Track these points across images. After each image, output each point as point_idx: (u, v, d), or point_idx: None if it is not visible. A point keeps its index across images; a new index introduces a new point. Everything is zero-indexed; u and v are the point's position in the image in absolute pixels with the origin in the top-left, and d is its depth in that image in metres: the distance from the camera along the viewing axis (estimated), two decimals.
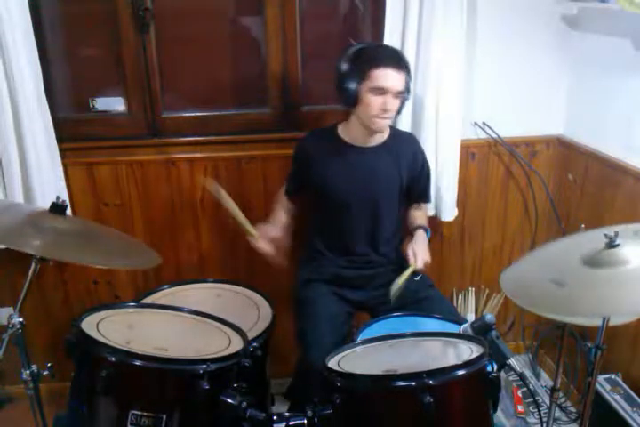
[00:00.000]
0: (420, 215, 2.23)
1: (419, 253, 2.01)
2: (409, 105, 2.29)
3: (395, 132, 2.15)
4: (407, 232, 2.21)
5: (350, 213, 2.08)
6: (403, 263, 2.19)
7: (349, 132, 2.08)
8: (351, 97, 1.94)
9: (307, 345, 1.94)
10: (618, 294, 1.36)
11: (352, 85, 1.92)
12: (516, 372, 1.53)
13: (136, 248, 1.89)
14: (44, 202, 2.12)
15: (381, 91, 1.90)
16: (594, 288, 1.39)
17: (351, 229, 2.10)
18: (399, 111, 2.03)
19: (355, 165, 2.06)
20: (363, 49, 1.95)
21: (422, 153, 2.20)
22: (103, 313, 1.64)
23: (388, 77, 1.89)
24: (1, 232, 1.59)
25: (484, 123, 2.48)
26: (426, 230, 2.14)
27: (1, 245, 1.56)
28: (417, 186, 2.18)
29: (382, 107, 1.91)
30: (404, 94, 1.96)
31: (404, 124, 2.30)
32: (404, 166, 2.11)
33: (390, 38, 2.20)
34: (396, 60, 1.93)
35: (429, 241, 2.14)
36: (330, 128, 2.12)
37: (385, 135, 2.10)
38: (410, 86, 2.01)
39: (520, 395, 2.58)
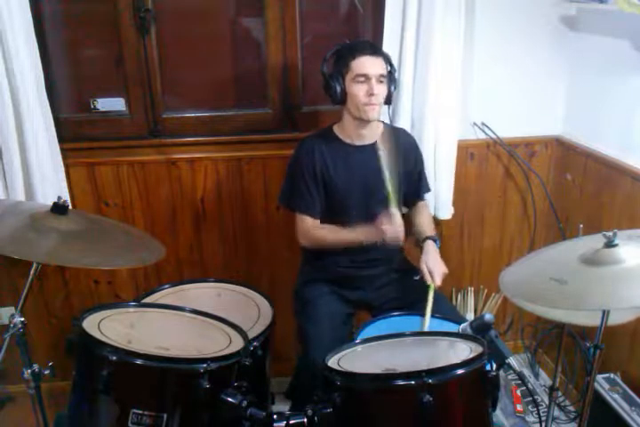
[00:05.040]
0: (425, 222, 2.22)
1: (434, 269, 2.00)
2: (408, 105, 2.31)
3: (388, 127, 2.16)
4: (416, 244, 2.20)
5: (351, 212, 2.09)
6: (404, 264, 2.20)
7: (345, 131, 2.09)
8: (339, 93, 1.98)
9: (307, 343, 1.96)
10: (616, 290, 1.39)
11: (337, 82, 1.97)
12: (514, 371, 1.54)
13: (139, 241, 1.89)
14: (45, 202, 2.13)
15: (364, 78, 1.94)
16: (593, 285, 1.41)
17: None
18: (389, 102, 2.06)
19: (355, 163, 2.07)
20: (339, 49, 2.02)
21: (416, 146, 2.22)
22: (104, 312, 1.64)
23: (366, 63, 1.95)
24: (4, 240, 1.59)
25: (482, 123, 2.49)
26: (435, 240, 2.12)
27: (4, 253, 1.55)
28: (411, 180, 2.19)
29: (368, 93, 1.95)
30: (388, 80, 2.00)
31: (404, 125, 2.31)
32: (401, 160, 2.12)
33: (389, 39, 2.21)
34: (370, 46, 1.99)
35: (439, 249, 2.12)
36: (326, 130, 2.13)
37: (379, 132, 2.11)
38: (394, 76, 2.05)
39: (519, 394, 2.59)
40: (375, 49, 1.99)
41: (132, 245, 1.84)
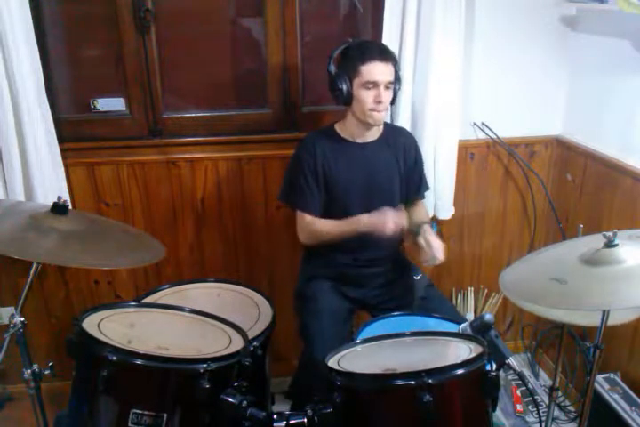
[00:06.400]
0: (422, 217, 2.21)
1: (433, 242, 1.94)
2: (408, 105, 2.31)
3: (389, 126, 2.18)
4: (413, 240, 2.13)
5: (353, 208, 2.09)
6: (405, 263, 2.21)
7: (347, 129, 2.10)
8: (345, 96, 1.98)
9: (310, 339, 1.96)
10: (616, 289, 1.39)
11: (344, 85, 1.97)
12: (515, 371, 1.53)
13: (139, 241, 1.89)
14: (45, 202, 2.13)
15: (372, 84, 1.94)
16: (593, 285, 1.42)
17: None
18: (392, 102, 2.06)
19: (357, 160, 2.09)
20: (347, 48, 2.00)
21: (416, 146, 2.23)
22: (104, 312, 1.64)
23: (377, 70, 1.94)
24: (4, 240, 1.59)
25: (482, 123, 2.49)
26: (432, 225, 2.11)
27: (4, 253, 1.55)
28: (412, 179, 2.20)
29: (376, 100, 1.96)
30: (394, 84, 2.00)
31: (404, 125, 2.31)
32: (402, 158, 2.14)
33: (389, 39, 2.21)
34: (381, 52, 1.98)
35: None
36: (327, 128, 2.14)
37: (380, 129, 2.12)
38: (400, 76, 2.05)
39: (519, 394, 2.59)
40: (384, 53, 1.98)
41: (131, 245, 1.84)
